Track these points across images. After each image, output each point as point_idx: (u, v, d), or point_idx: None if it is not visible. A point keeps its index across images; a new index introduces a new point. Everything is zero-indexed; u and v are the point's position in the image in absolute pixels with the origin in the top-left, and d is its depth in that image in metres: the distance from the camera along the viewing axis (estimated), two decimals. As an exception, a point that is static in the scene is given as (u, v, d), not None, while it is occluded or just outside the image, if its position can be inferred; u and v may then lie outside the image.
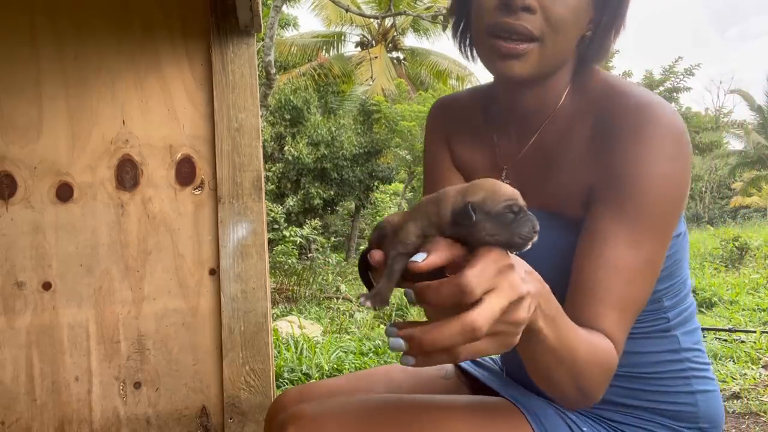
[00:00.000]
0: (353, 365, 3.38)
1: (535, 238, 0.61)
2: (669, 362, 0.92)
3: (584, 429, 0.90)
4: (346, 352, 3.65)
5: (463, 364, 1.13)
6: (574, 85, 0.93)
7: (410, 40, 19.75)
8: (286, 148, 14.06)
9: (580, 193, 0.86)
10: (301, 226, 12.77)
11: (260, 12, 1.50)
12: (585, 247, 0.83)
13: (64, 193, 1.50)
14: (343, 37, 17.12)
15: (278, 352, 3.49)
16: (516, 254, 0.64)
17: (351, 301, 7.01)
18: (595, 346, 0.76)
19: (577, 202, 0.87)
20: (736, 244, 8.91)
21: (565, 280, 0.83)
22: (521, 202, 0.62)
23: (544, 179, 0.92)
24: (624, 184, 0.81)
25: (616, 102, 0.86)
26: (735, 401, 2.68)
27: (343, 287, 8.04)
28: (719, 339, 3.90)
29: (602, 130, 0.86)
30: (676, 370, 0.92)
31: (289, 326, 4.47)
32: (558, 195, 0.90)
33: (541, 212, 0.86)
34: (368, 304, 0.63)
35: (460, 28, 1.01)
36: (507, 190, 0.63)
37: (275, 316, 5.72)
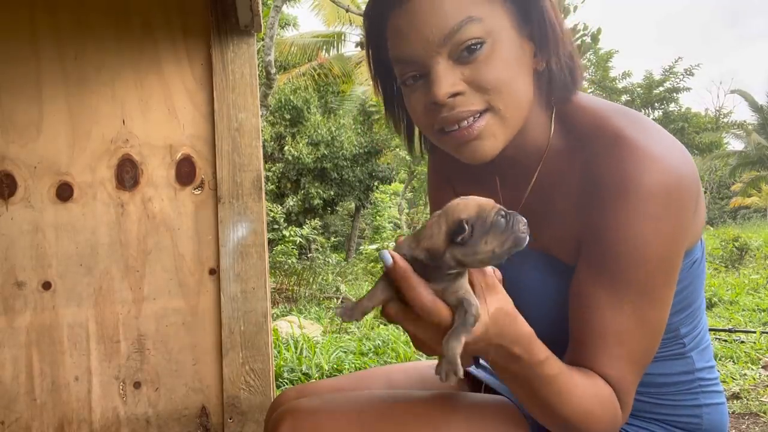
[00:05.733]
0: (353, 365, 3.37)
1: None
2: (681, 383, 0.92)
3: None
4: (346, 352, 3.65)
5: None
6: (560, 123, 0.86)
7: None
8: (286, 148, 14.06)
9: (573, 243, 0.83)
10: (301, 226, 12.78)
11: (260, 12, 1.50)
12: (572, 309, 0.81)
13: (64, 192, 1.50)
14: (343, 37, 17.11)
15: (278, 352, 3.48)
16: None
17: (351, 301, 7.00)
18: (586, 396, 0.75)
19: (572, 250, 0.84)
20: (736, 244, 8.91)
21: (564, 323, 0.82)
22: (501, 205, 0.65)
23: (544, 223, 0.87)
24: (604, 245, 0.77)
25: (604, 149, 0.79)
26: (735, 401, 2.68)
27: (343, 287, 8.04)
28: (719, 339, 3.90)
29: (589, 182, 0.80)
30: (686, 388, 0.92)
31: (289, 326, 4.46)
32: (556, 241, 0.87)
33: (542, 255, 0.87)
34: (343, 316, 0.68)
35: (404, 126, 0.95)
36: (489, 201, 0.65)
37: (275, 316, 5.72)
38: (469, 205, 0.64)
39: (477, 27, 0.76)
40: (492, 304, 0.67)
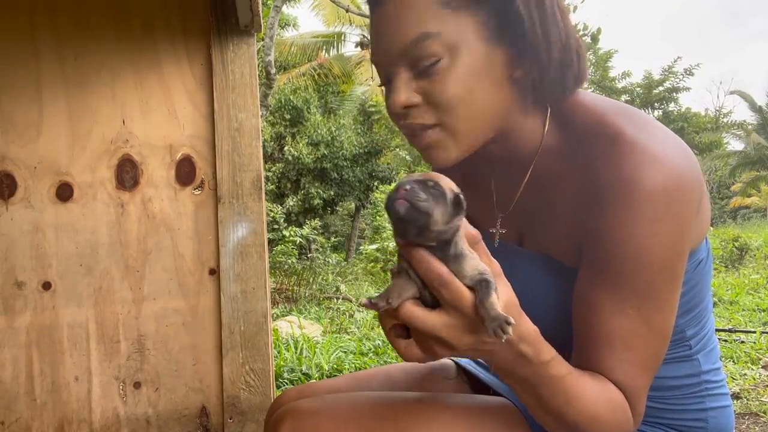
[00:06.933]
0: (353, 365, 3.38)
1: (407, 191, 0.59)
2: (687, 386, 0.90)
3: None
4: (346, 352, 3.65)
5: (464, 364, 1.13)
6: (559, 122, 0.84)
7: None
8: (286, 148, 14.07)
9: (573, 244, 0.82)
10: (301, 226, 12.77)
11: (260, 12, 1.50)
12: (576, 314, 0.80)
13: (64, 192, 1.50)
14: (343, 37, 17.10)
15: (278, 352, 3.48)
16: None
17: (351, 301, 7.00)
18: (592, 400, 0.74)
19: (572, 252, 0.82)
20: (736, 244, 8.91)
21: (566, 325, 0.81)
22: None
23: (542, 224, 0.86)
24: (606, 249, 0.75)
25: (604, 149, 0.77)
26: (735, 401, 2.68)
27: (343, 287, 8.03)
28: (719, 339, 3.90)
29: (589, 182, 0.79)
30: (692, 392, 0.90)
31: (289, 326, 4.46)
32: (555, 242, 0.85)
33: (541, 256, 0.86)
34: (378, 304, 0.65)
35: None
36: (421, 175, 0.64)
37: (275, 316, 5.72)
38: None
39: (433, 43, 0.74)
40: (503, 295, 0.64)
